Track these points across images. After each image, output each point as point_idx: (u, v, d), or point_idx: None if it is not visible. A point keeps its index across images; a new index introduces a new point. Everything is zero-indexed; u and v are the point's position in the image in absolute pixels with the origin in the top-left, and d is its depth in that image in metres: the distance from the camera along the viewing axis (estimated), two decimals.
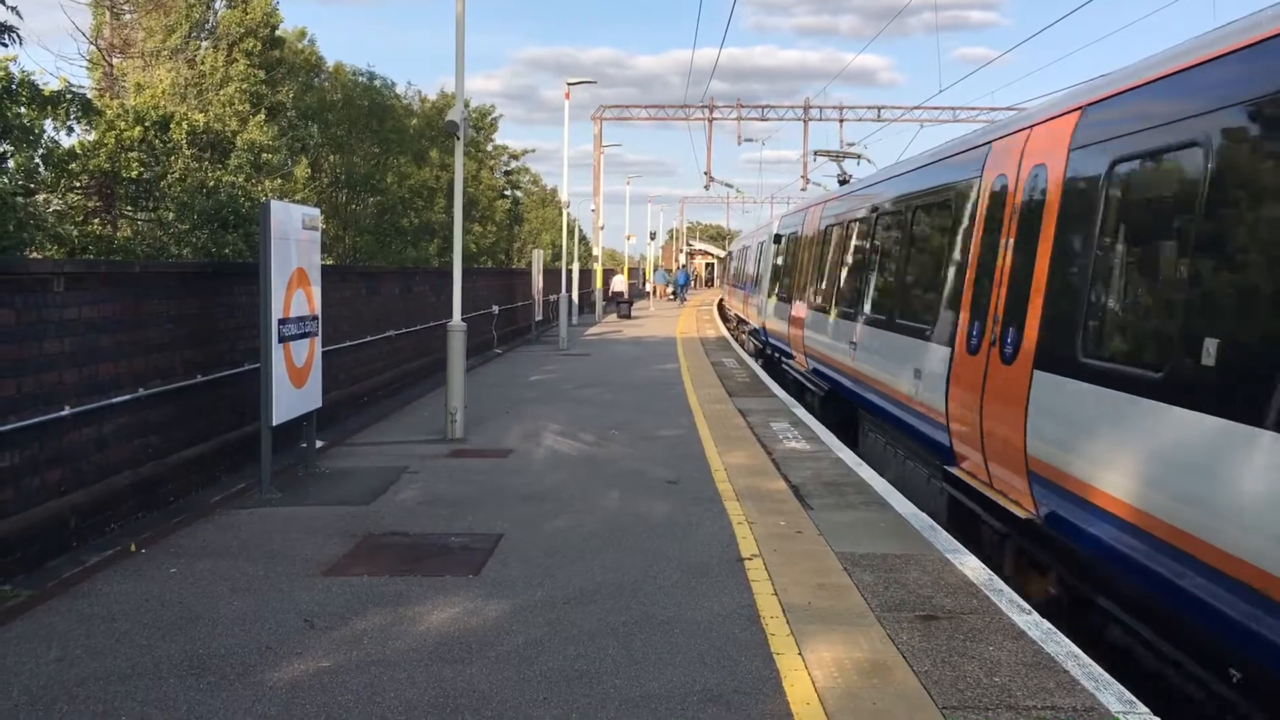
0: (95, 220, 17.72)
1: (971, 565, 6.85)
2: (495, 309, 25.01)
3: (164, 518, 8.38)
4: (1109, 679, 5.01)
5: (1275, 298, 4.56)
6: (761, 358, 23.17)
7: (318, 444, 10.41)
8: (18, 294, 7.06)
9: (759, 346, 24.03)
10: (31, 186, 16.09)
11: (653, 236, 79.41)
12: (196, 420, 9.63)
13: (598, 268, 44.79)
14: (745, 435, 12.03)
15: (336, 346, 13.37)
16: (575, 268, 38.14)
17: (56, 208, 17.21)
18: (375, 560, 6.95)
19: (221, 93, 25.53)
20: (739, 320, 32.71)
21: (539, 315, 29.49)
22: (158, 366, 8.94)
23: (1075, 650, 5.36)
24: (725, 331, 31.60)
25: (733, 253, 47.25)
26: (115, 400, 8.22)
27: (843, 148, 40.12)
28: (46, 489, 7.36)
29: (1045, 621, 5.80)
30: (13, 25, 10.68)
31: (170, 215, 17.28)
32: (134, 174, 16.95)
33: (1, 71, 14.49)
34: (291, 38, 31.96)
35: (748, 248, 32.93)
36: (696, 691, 4.84)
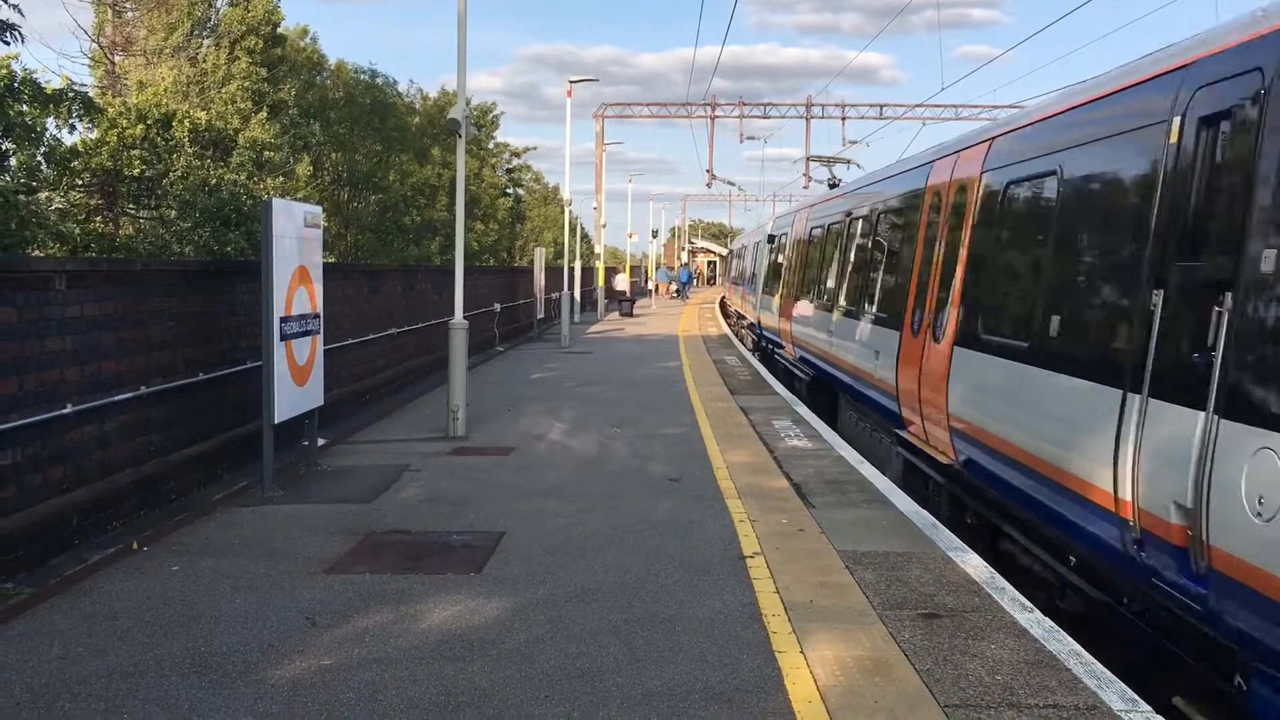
0: (97, 218, 17.72)
1: (973, 563, 6.84)
2: (497, 307, 25.01)
3: (166, 515, 8.38)
4: (1111, 677, 5.00)
5: (1092, 285, 6.40)
6: (758, 351, 24.41)
7: (320, 442, 10.42)
8: (19, 292, 7.07)
9: (755, 340, 25.54)
10: (34, 184, 16.11)
11: (655, 234, 79.48)
12: (198, 418, 9.63)
13: (600, 266, 44.78)
14: (747, 433, 12.02)
15: (338, 344, 13.38)
16: (577, 266, 38.14)
17: (59, 206, 17.22)
18: (377, 558, 6.96)
19: (223, 90, 25.52)
20: (738, 316, 33.96)
21: (541, 313, 29.49)
22: (160, 364, 8.95)
23: (1077, 649, 5.36)
24: (727, 329, 31.61)
25: (733, 251, 49.03)
26: (117, 398, 8.22)
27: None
28: (49, 487, 7.36)
29: (1047, 620, 5.80)
30: (15, 23, 10.69)
31: (172, 213, 17.28)
32: (136, 172, 16.95)
33: (4, 70, 14.50)
34: (293, 36, 31.94)
35: (745, 247, 34.86)
36: (698, 690, 4.84)
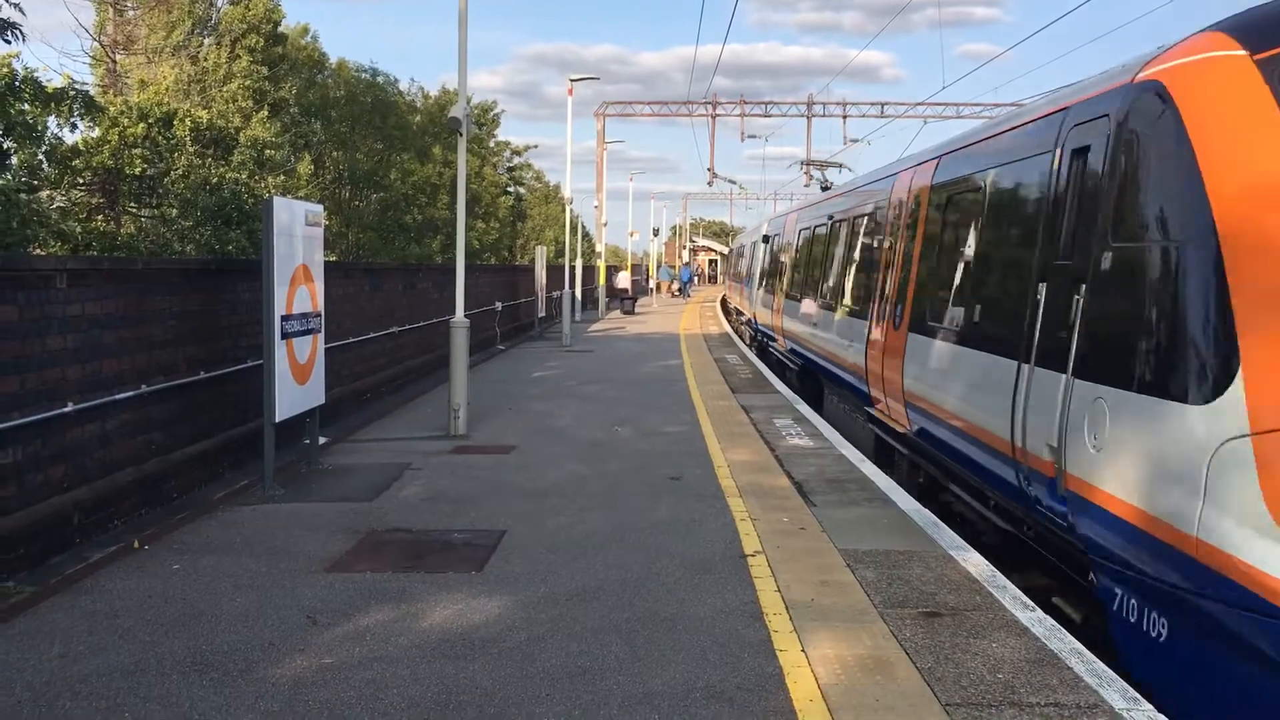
0: (99, 217, 17.73)
1: (974, 561, 6.84)
2: (498, 305, 25.01)
3: (167, 514, 8.38)
4: (1113, 675, 5.00)
5: (1001, 280, 7.99)
6: (755, 345, 25.55)
7: (321, 440, 10.42)
8: (21, 290, 7.06)
9: (753, 334, 26.84)
10: (35, 183, 16.12)
11: (656, 233, 79.50)
12: (199, 417, 9.63)
13: (601, 264, 44.78)
14: (748, 431, 12.02)
15: (340, 343, 13.37)
16: (578, 264, 38.13)
17: (60, 204, 17.22)
18: (378, 557, 6.96)
19: (224, 89, 25.54)
20: (737, 313, 35.07)
21: (542, 312, 29.50)
22: (161, 363, 8.95)
23: (1079, 647, 5.36)
24: (728, 328, 31.61)
25: (733, 250, 50.42)
26: (118, 397, 8.22)
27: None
28: (50, 485, 7.36)
29: (1049, 618, 5.79)
30: (16, 22, 10.68)
31: (174, 212, 17.29)
32: (138, 170, 16.96)
33: (5, 68, 14.50)
34: (294, 34, 31.96)
35: (744, 246, 36.26)
36: (700, 688, 4.84)
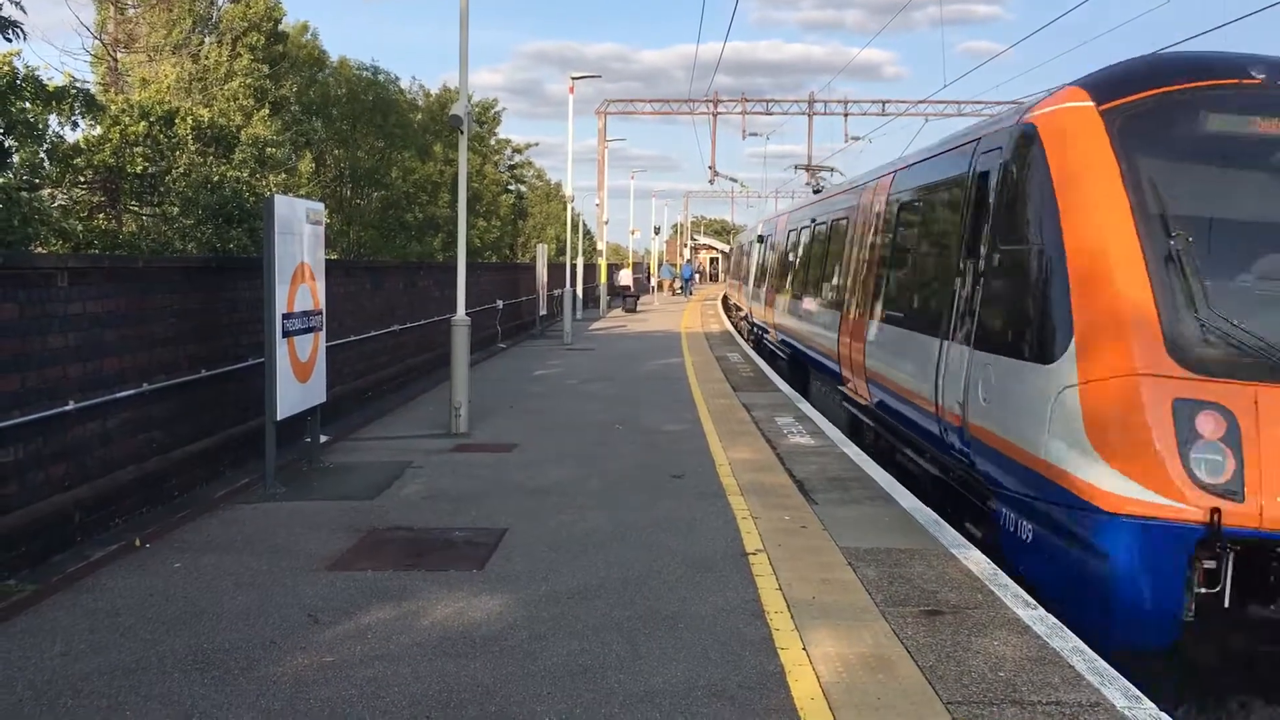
0: (100, 215, 17.71)
1: (975, 559, 6.83)
2: (499, 304, 25.00)
3: (168, 512, 8.38)
4: (1114, 674, 5.00)
5: (932, 275, 9.55)
6: (752, 339, 26.78)
7: (322, 439, 10.42)
8: (21, 289, 7.07)
9: (750, 328, 28.13)
10: (36, 181, 16.08)
11: (657, 231, 79.47)
12: (200, 415, 9.63)
13: (602, 262, 44.76)
14: (750, 430, 12.01)
15: (341, 341, 13.37)
16: (580, 262, 38.12)
17: (61, 203, 17.18)
18: (379, 555, 6.96)
19: (226, 87, 25.50)
20: (736, 309, 36.22)
21: (543, 310, 29.51)
22: (162, 361, 8.95)
23: (1080, 645, 5.35)
24: (729, 326, 31.61)
25: (733, 249, 51.71)
26: (119, 395, 8.22)
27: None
28: (51, 484, 7.36)
29: (1050, 616, 5.79)
30: (17, 20, 10.64)
31: (175, 210, 17.24)
32: (139, 169, 16.93)
33: (6, 67, 14.48)
34: (293, 32, 31.91)
35: (743, 245, 37.88)
36: (701, 687, 4.84)
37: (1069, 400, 6.38)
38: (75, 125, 16.50)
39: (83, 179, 17.11)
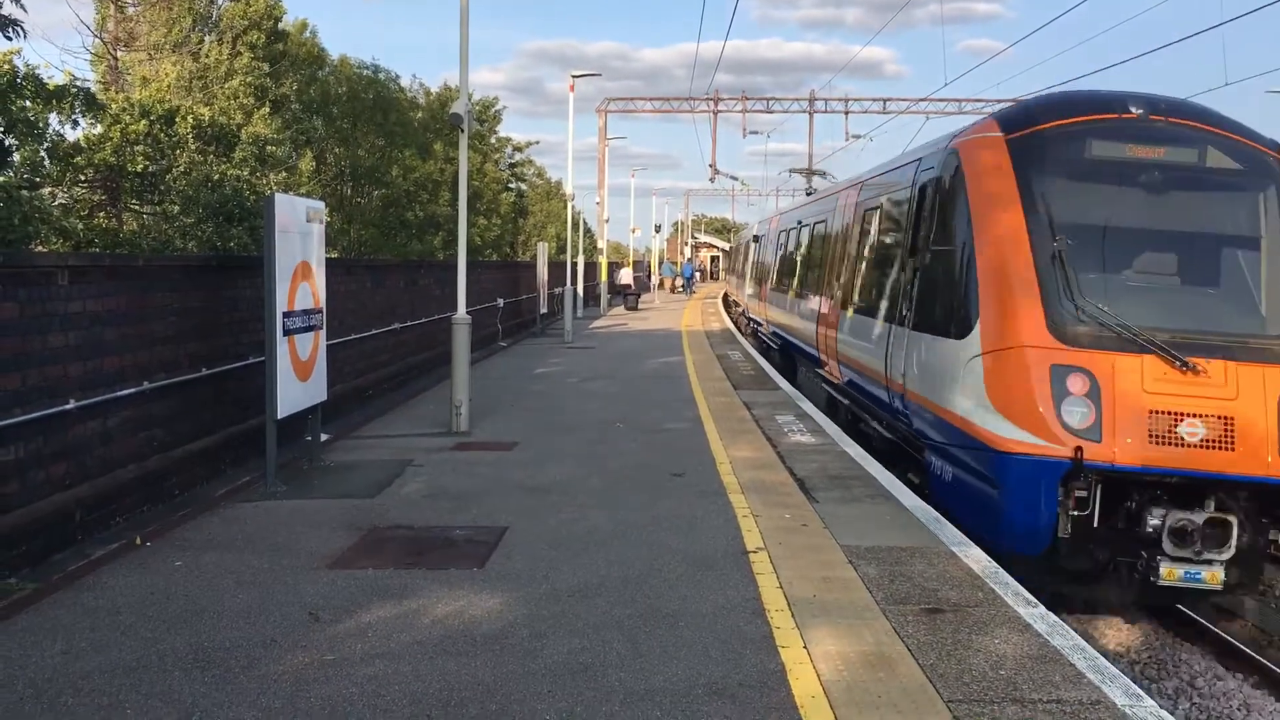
0: (101, 214, 17.72)
1: (976, 557, 6.83)
2: (500, 302, 24.99)
3: (169, 511, 8.38)
4: (1115, 672, 5.00)
5: (888, 271, 11.01)
6: (750, 333, 28.29)
7: (322, 437, 10.42)
8: (22, 287, 7.07)
9: (747, 322, 29.84)
10: (37, 180, 16.09)
11: (658, 229, 79.44)
12: (201, 413, 9.63)
13: (603, 261, 44.76)
14: (750, 428, 12.01)
15: (341, 339, 13.37)
16: (580, 260, 38.10)
17: (62, 201, 17.19)
18: (380, 553, 6.96)
19: (226, 86, 25.49)
20: (735, 305, 37.77)
21: (544, 308, 29.47)
22: (162, 360, 8.95)
23: (1081, 643, 5.35)
24: (730, 324, 31.60)
25: (733, 248, 53.57)
26: (120, 393, 8.22)
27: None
28: (51, 482, 7.36)
29: (1051, 614, 5.80)
30: (17, 19, 10.64)
31: (175, 209, 17.25)
32: (139, 167, 16.94)
33: (7, 65, 14.49)
34: (293, 31, 31.88)
35: (741, 244, 40.07)
36: (701, 685, 4.84)
37: (975, 367, 8.08)
38: (76, 124, 16.53)
39: (83, 177, 17.12)
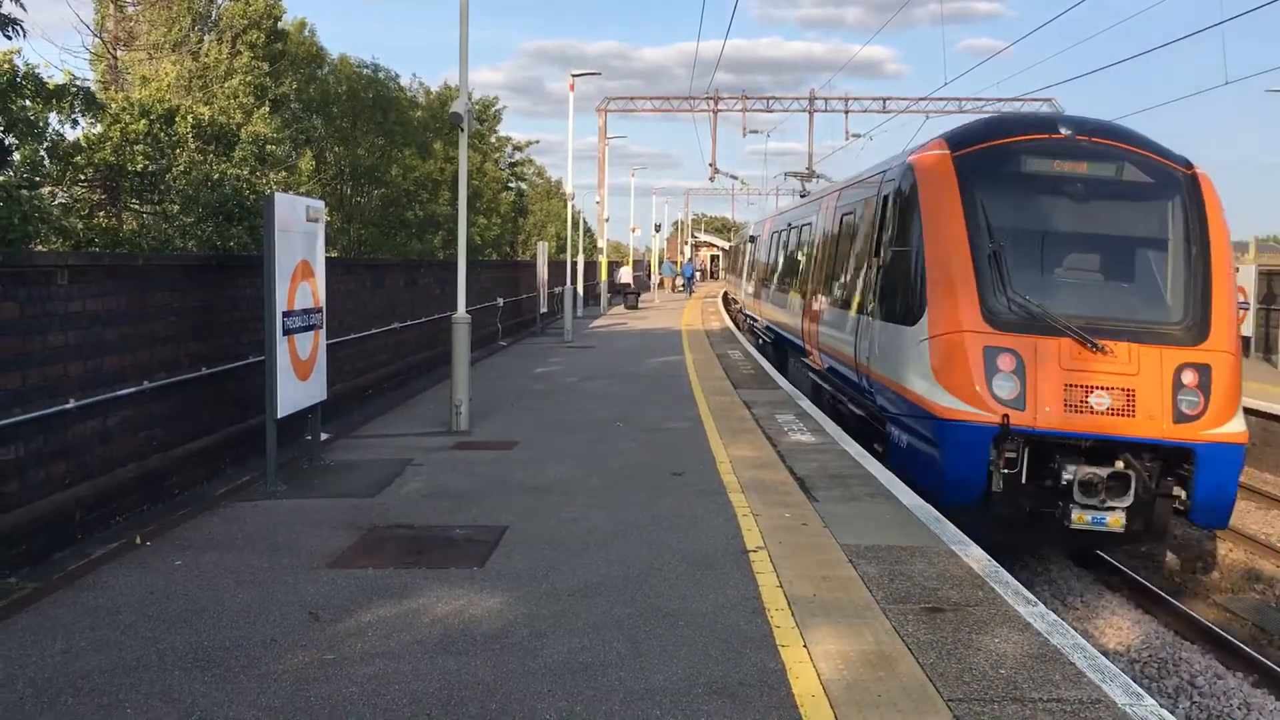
0: (101, 213, 17.70)
1: (976, 556, 6.83)
2: (500, 301, 24.98)
3: (169, 510, 8.39)
4: (1115, 671, 5.00)
5: (859, 268, 12.61)
6: (747, 328, 29.38)
7: (322, 436, 10.42)
8: (22, 286, 7.07)
9: (744, 319, 31.06)
10: (36, 179, 16.06)
11: (658, 229, 79.41)
12: (201, 413, 9.63)
13: (603, 260, 44.75)
14: (750, 427, 12.01)
15: (341, 339, 13.36)
16: (580, 260, 38.08)
17: (62, 201, 17.17)
18: (380, 552, 6.96)
19: (225, 85, 25.48)
20: (733, 301, 39.11)
21: (544, 307, 29.46)
22: (162, 359, 8.95)
23: (1081, 642, 5.35)
24: (730, 323, 31.59)
25: (732, 248, 54.81)
26: (120, 393, 8.22)
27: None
28: (51, 482, 7.36)
29: (1051, 613, 5.79)
30: (17, 18, 10.62)
31: (175, 208, 17.23)
32: (139, 167, 16.92)
33: (6, 65, 14.47)
34: (292, 30, 31.86)
35: (737, 245, 42.09)
36: (701, 684, 4.84)
37: (923, 349, 9.66)
38: (75, 123, 16.48)
39: (83, 177, 17.10)
